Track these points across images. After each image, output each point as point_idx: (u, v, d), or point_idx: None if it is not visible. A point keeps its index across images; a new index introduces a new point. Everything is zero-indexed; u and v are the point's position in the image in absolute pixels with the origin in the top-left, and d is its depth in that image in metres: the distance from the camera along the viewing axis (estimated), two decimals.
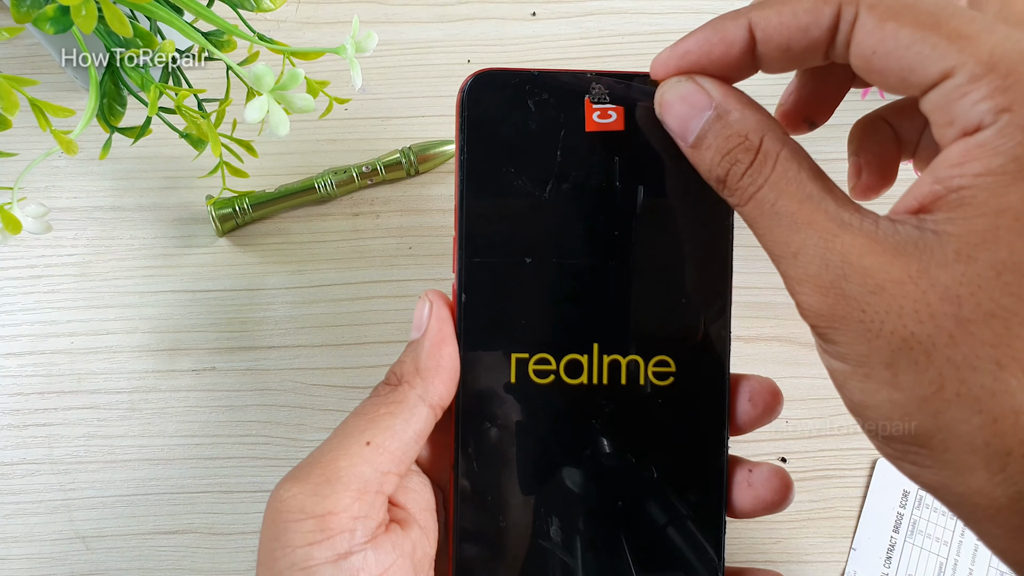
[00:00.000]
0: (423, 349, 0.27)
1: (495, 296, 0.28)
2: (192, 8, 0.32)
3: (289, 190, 0.44)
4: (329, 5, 0.49)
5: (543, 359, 0.27)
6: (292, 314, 0.42)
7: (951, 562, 0.37)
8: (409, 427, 0.26)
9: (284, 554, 0.24)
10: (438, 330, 0.27)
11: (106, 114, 0.34)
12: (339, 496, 0.24)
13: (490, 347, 0.27)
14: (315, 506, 0.24)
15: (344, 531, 0.24)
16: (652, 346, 0.27)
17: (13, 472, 0.39)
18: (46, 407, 0.41)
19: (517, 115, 0.27)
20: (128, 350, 0.41)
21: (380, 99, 0.47)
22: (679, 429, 0.27)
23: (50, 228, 0.34)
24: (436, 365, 0.27)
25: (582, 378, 0.27)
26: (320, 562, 0.23)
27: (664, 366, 0.27)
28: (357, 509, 0.24)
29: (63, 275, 0.43)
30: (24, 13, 0.28)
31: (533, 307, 0.28)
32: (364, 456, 0.25)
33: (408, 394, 0.26)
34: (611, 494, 0.27)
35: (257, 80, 0.31)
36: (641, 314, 0.27)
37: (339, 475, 0.24)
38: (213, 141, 0.34)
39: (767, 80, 0.26)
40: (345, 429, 0.26)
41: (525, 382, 0.27)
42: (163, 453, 0.40)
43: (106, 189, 0.45)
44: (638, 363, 0.27)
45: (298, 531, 0.24)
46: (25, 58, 0.48)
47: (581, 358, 0.27)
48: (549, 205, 0.27)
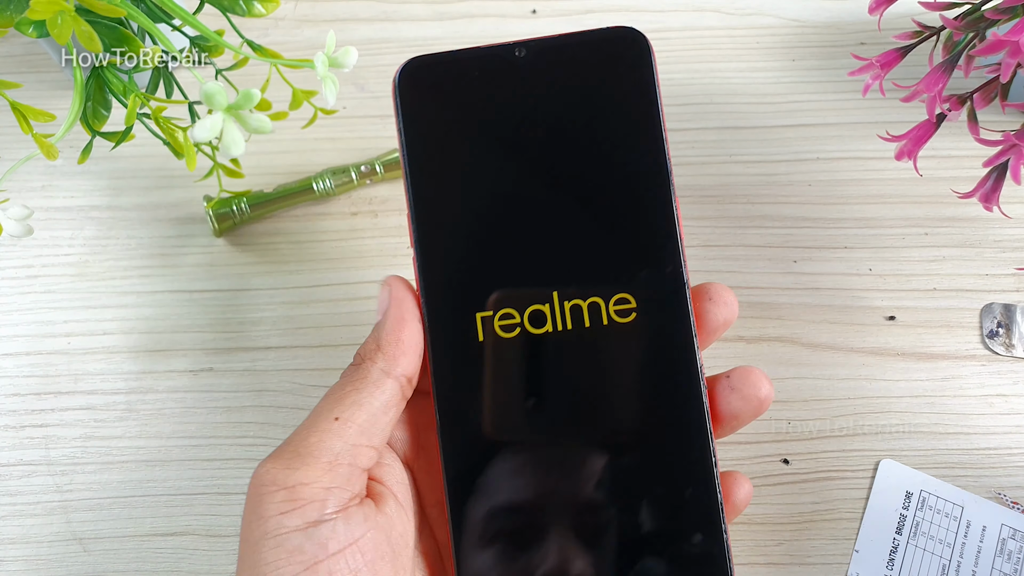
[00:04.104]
0: (383, 328, 0.28)
1: (452, 260, 0.29)
2: (177, 13, 0.32)
3: (287, 190, 0.43)
4: (328, 3, 0.49)
5: (507, 314, 0.28)
6: (290, 314, 0.42)
7: (954, 564, 0.37)
8: (375, 399, 0.27)
9: (259, 524, 0.25)
10: (398, 309, 0.28)
11: (89, 118, 0.34)
12: (309, 468, 0.25)
13: (454, 310, 0.28)
14: (286, 478, 0.25)
15: (314, 500, 0.25)
16: (610, 286, 0.28)
17: (10, 473, 0.39)
18: (43, 408, 0.40)
19: (449, 91, 0.29)
20: (125, 351, 0.41)
21: (379, 97, 0.47)
22: (650, 360, 0.28)
23: (32, 231, 0.34)
24: (396, 340, 0.28)
25: (547, 327, 0.28)
26: (291, 530, 0.24)
27: (624, 303, 0.28)
28: (328, 480, 0.25)
29: (60, 275, 0.43)
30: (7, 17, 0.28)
31: (490, 265, 0.29)
32: (333, 431, 0.26)
33: (370, 369, 0.27)
34: (593, 435, 0.28)
35: (208, 99, 0.30)
36: (594, 256, 0.28)
37: (309, 449, 0.26)
38: (189, 155, 0.33)
39: None
40: (316, 410, 0.27)
41: (493, 338, 0.28)
42: (160, 454, 0.39)
43: (103, 188, 0.44)
44: (599, 304, 0.28)
45: (271, 502, 0.25)
46: (21, 56, 0.48)
47: (543, 307, 0.28)
48: (490, 167, 0.29)
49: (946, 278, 0.42)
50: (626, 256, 0.28)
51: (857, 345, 0.41)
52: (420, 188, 0.29)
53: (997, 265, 0.42)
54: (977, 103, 0.35)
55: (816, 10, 0.51)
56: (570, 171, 0.29)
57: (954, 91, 0.35)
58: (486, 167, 0.29)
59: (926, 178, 0.44)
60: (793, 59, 0.49)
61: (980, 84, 0.35)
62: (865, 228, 0.44)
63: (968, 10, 0.35)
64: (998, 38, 0.31)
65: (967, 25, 0.34)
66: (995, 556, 0.37)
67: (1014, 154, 0.34)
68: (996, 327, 0.41)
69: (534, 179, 0.29)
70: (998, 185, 0.36)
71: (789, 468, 0.39)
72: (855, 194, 0.45)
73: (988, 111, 0.35)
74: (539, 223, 0.29)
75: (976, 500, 0.38)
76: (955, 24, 0.34)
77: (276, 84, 0.38)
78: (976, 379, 0.40)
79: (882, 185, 0.45)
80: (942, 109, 0.35)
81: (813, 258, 0.43)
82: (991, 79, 0.34)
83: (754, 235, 0.44)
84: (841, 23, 0.50)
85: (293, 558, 0.24)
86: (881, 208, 0.44)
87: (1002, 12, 0.32)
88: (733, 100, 0.48)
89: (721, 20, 0.51)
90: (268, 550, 0.24)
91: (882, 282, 0.42)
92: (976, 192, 0.36)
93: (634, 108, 0.29)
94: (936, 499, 0.38)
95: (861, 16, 0.50)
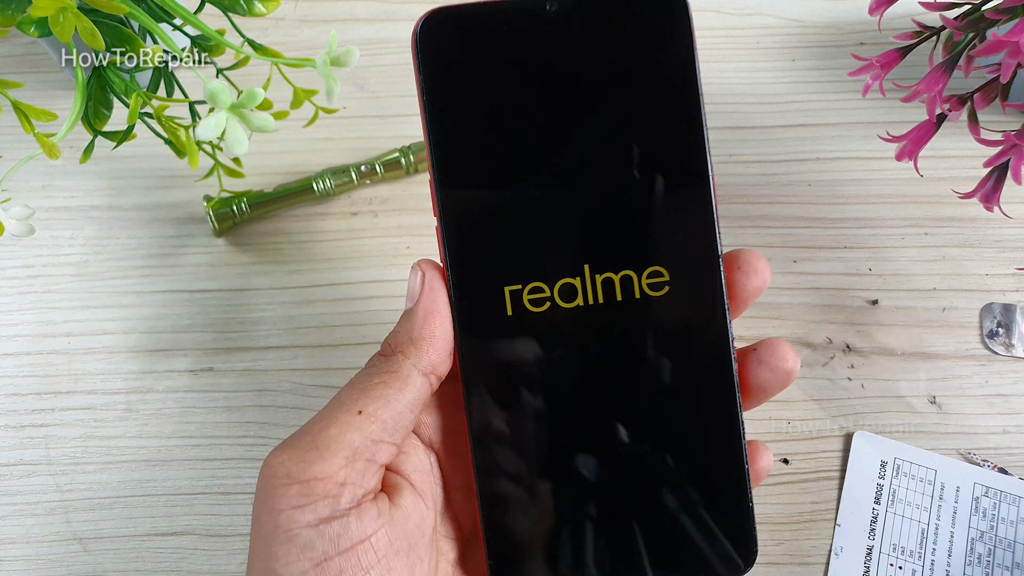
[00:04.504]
0: (416, 318, 0.27)
1: (478, 231, 0.27)
2: (179, 12, 0.32)
3: (287, 190, 0.43)
4: (328, 3, 0.49)
5: (536, 287, 0.27)
6: (290, 314, 0.42)
7: (932, 526, 0.37)
8: (403, 396, 0.26)
9: (270, 518, 0.24)
10: (431, 299, 0.27)
11: (91, 117, 0.34)
12: (326, 463, 0.24)
13: (481, 283, 0.27)
14: (301, 472, 0.24)
15: (328, 496, 0.24)
16: (643, 258, 0.27)
17: (10, 473, 0.39)
18: (43, 408, 0.40)
19: (475, 47, 0.27)
20: (125, 350, 0.41)
21: (379, 98, 0.47)
22: (682, 334, 0.27)
23: (33, 230, 0.34)
24: (430, 334, 0.27)
25: (578, 300, 0.27)
26: (302, 526, 0.24)
27: (657, 276, 0.27)
28: (344, 476, 0.24)
29: (60, 275, 0.43)
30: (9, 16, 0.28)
31: (518, 236, 0.27)
32: (355, 424, 0.25)
33: (402, 363, 0.26)
34: (624, 406, 0.27)
35: (212, 97, 0.29)
36: (628, 228, 0.27)
37: (327, 443, 0.25)
38: (191, 153, 0.33)
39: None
40: (338, 399, 0.26)
41: (522, 313, 0.27)
42: (160, 454, 0.39)
43: (103, 188, 0.44)
44: (631, 277, 0.27)
45: (283, 496, 0.24)
46: (23, 56, 0.48)
47: (574, 281, 0.27)
48: (517, 131, 0.27)
49: (946, 278, 0.42)
50: (660, 228, 0.27)
51: (857, 345, 0.41)
52: (443, 155, 0.27)
53: (997, 265, 0.42)
54: (977, 103, 0.35)
55: (816, 10, 0.51)
56: (602, 137, 0.27)
57: (954, 91, 0.35)
58: (513, 131, 0.27)
59: (926, 178, 0.44)
60: (793, 59, 0.49)
61: (980, 84, 0.35)
62: (865, 228, 0.44)
63: (968, 10, 0.35)
64: (998, 38, 0.31)
65: (967, 25, 0.34)
66: (970, 515, 0.38)
67: (1015, 154, 0.34)
68: (996, 327, 0.41)
69: (565, 145, 0.27)
70: (999, 185, 0.36)
71: (789, 468, 0.39)
72: (855, 194, 0.45)
73: (988, 111, 0.35)
74: (570, 192, 0.27)
75: (948, 462, 0.39)
76: (955, 24, 0.34)
77: (276, 84, 0.38)
78: (976, 379, 0.40)
79: (882, 185, 0.45)
80: (942, 109, 0.35)
81: (813, 258, 0.43)
82: (991, 79, 0.34)
83: (754, 235, 0.44)
84: (841, 23, 0.50)
85: (304, 554, 0.24)
86: (881, 208, 0.44)
87: (1002, 12, 0.32)
88: (733, 100, 0.48)
89: (721, 20, 0.51)
90: (279, 545, 0.24)
91: (881, 282, 0.42)
92: (977, 192, 0.36)
93: (670, 71, 0.27)
94: (910, 465, 0.39)
95: (861, 16, 0.51)
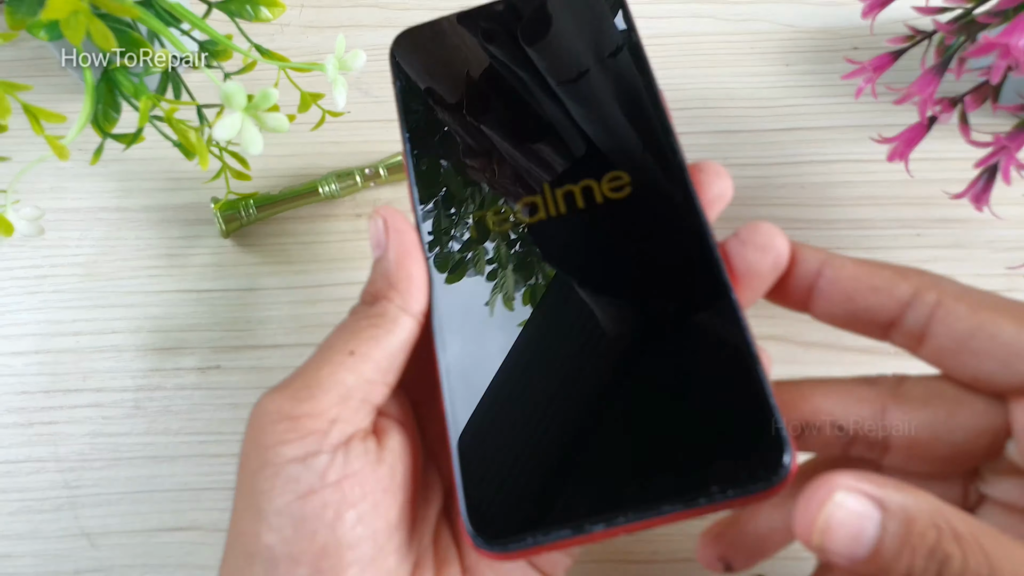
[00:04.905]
0: (390, 263, 0.27)
1: (445, 171, 0.29)
2: (187, 17, 0.33)
3: (293, 192, 0.44)
4: (332, 9, 0.50)
5: (498, 210, 0.28)
6: (295, 313, 0.43)
7: None
8: (393, 336, 0.26)
9: (257, 454, 0.24)
10: (399, 242, 0.27)
11: (100, 120, 0.35)
12: (317, 400, 0.24)
13: (446, 211, 0.28)
14: (292, 409, 0.24)
15: (316, 432, 0.24)
16: (600, 166, 0.28)
17: (19, 470, 0.40)
18: (51, 405, 0.41)
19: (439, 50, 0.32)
20: (133, 349, 0.42)
21: (382, 102, 0.48)
22: (653, 228, 0.27)
23: (43, 231, 0.34)
24: (407, 275, 0.26)
25: (540, 215, 0.27)
26: (289, 459, 0.23)
27: (618, 180, 0.27)
28: (335, 413, 0.24)
29: (69, 275, 0.43)
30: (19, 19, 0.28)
31: (480, 168, 0.29)
32: (347, 365, 0.25)
33: (387, 307, 0.26)
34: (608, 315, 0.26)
35: (228, 98, 0.30)
36: (583, 143, 0.28)
37: (319, 382, 0.24)
38: (201, 154, 0.34)
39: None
40: (327, 343, 0.26)
41: (485, 234, 0.28)
42: (168, 451, 0.40)
43: (111, 190, 0.45)
44: (591, 186, 0.27)
45: (272, 432, 0.24)
46: (30, 60, 0.49)
47: (535, 198, 0.28)
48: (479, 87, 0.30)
49: None
50: (614, 137, 0.28)
51: (850, 344, 0.41)
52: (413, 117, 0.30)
53: (988, 265, 0.43)
54: (968, 105, 0.35)
55: (810, 15, 0.52)
56: (553, 76, 0.30)
57: (945, 94, 0.36)
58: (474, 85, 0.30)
59: (918, 180, 0.45)
60: (787, 64, 0.50)
61: (971, 87, 0.36)
62: (858, 229, 0.44)
63: (960, 14, 0.36)
64: (989, 40, 0.32)
65: (959, 29, 0.35)
66: None
67: (1004, 156, 0.35)
68: None
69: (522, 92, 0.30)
70: (989, 186, 0.36)
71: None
72: (848, 196, 0.45)
73: (979, 113, 0.36)
74: (524, 122, 0.29)
75: None
76: (948, 28, 0.35)
77: (281, 89, 0.39)
78: None
79: (874, 187, 0.45)
80: (933, 112, 0.36)
81: None
82: (982, 82, 0.35)
83: None
84: (834, 28, 0.51)
85: (288, 487, 0.23)
86: (873, 210, 0.45)
87: (994, 16, 0.33)
88: (728, 104, 0.49)
89: (716, 26, 0.52)
90: (264, 479, 0.23)
91: None
92: (967, 193, 0.37)
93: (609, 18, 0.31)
94: None
95: (854, 21, 0.51)
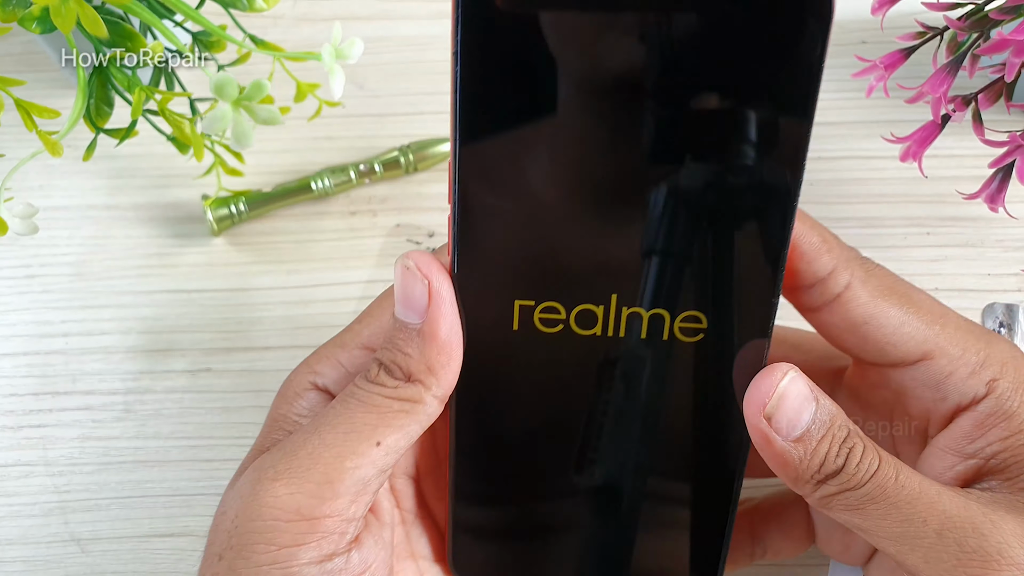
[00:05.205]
0: (433, 342, 0.24)
1: (497, 233, 0.23)
2: (180, 8, 0.32)
3: (286, 189, 0.43)
4: (327, 1, 0.49)
5: (551, 307, 0.24)
6: (288, 314, 0.42)
7: None
8: (422, 427, 0.24)
9: (266, 550, 0.22)
10: (442, 314, 0.23)
11: (92, 115, 0.34)
12: (339, 500, 0.23)
13: (490, 291, 0.24)
14: (313, 509, 0.22)
15: (335, 533, 0.23)
16: (681, 300, 0.24)
17: (8, 474, 0.39)
18: (40, 408, 0.40)
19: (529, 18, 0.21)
20: (123, 351, 0.41)
21: (378, 96, 0.47)
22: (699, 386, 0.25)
23: (37, 229, 0.34)
24: (448, 360, 0.24)
25: (595, 329, 0.24)
26: (304, 563, 0.22)
27: (694, 322, 0.24)
28: (352, 511, 0.23)
29: (57, 275, 0.42)
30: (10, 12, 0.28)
31: (541, 248, 0.23)
32: (372, 458, 0.23)
33: (423, 395, 0.24)
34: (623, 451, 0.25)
35: (219, 90, 0.29)
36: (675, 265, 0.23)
37: (343, 477, 0.23)
38: (196, 146, 0.33)
39: None
40: (353, 423, 0.23)
41: (529, 330, 0.24)
42: (158, 455, 0.39)
43: (101, 188, 0.44)
44: (663, 317, 0.24)
45: (287, 531, 0.22)
46: (21, 55, 0.48)
47: (596, 308, 0.24)
48: (566, 128, 0.22)
49: (948, 278, 0.42)
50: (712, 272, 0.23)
51: None
52: (471, 139, 0.22)
53: (1000, 265, 0.42)
54: (982, 103, 0.34)
55: None
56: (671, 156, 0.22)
57: (958, 91, 0.35)
58: (560, 125, 0.22)
59: (928, 177, 0.44)
60: None
61: (985, 84, 0.35)
62: (867, 227, 0.43)
63: (972, 10, 0.34)
64: (1004, 37, 0.31)
65: (971, 26, 0.34)
66: None
67: (1020, 155, 0.34)
68: (998, 327, 0.41)
69: (618, 154, 0.22)
70: (1004, 186, 0.35)
71: None
72: (857, 193, 0.44)
73: (993, 111, 0.35)
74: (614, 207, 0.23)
75: None
76: (959, 25, 0.34)
77: (276, 83, 0.38)
78: None
79: (884, 184, 0.45)
80: (947, 110, 0.35)
81: None
82: (996, 79, 0.34)
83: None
84: (843, 22, 0.50)
85: None
86: (883, 207, 0.44)
87: (1007, 12, 0.32)
88: None
89: None
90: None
91: None
92: (982, 193, 0.36)
93: (783, 89, 0.22)
94: None
95: (863, 15, 0.50)
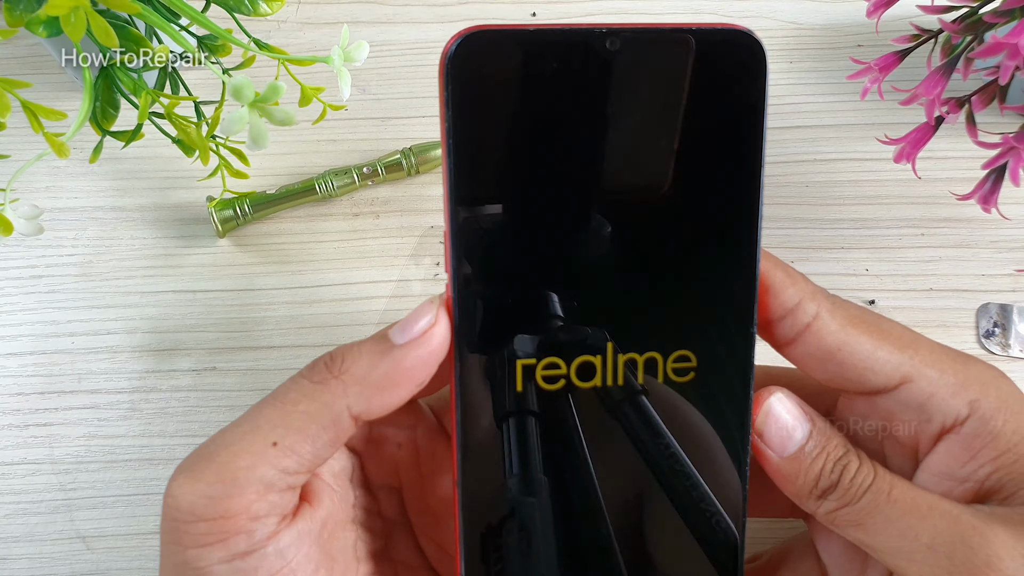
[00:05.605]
0: (394, 363, 0.24)
1: (494, 298, 0.24)
2: (186, 12, 0.32)
3: (290, 191, 0.44)
4: (330, 6, 0.49)
5: (552, 363, 0.24)
6: (292, 314, 0.42)
7: None
8: (326, 434, 0.23)
9: (176, 551, 0.22)
10: (422, 348, 0.24)
11: (98, 117, 0.34)
12: (234, 500, 0.22)
13: (491, 352, 0.24)
14: (206, 509, 0.22)
15: (241, 532, 0.22)
16: (672, 340, 0.25)
17: (14, 472, 0.39)
18: (47, 407, 0.40)
19: (513, 84, 0.23)
20: (129, 350, 0.41)
21: (380, 100, 0.47)
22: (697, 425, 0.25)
23: (42, 230, 0.34)
24: (393, 387, 0.24)
25: (595, 381, 0.25)
26: (212, 563, 0.22)
27: (684, 361, 0.25)
28: (256, 509, 0.22)
29: (64, 275, 0.43)
30: (17, 16, 0.28)
31: (538, 308, 0.24)
32: (268, 458, 0.22)
33: (335, 400, 0.23)
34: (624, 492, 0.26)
35: (236, 92, 0.30)
36: (663, 306, 0.25)
37: (236, 476, 0.22)
38: (202, 149, 0.33)
39: None
40: (255, 419, 0.23)
41: (532, 389, 0.25)
42: (164, 453, 0.39)
43: (107, 189, 0.45)
44: (656, 360, 0.25)
45: (188, 532, 0.22)
46: (25, 58, 0.48)
47: (594, 359, 0.24)
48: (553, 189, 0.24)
49: (942, 278, 0.43)
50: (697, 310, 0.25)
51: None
52: (462, 206, 0.23)
53: (993, 265, 0.43)
54: (975, 106, 0.35)
55: (813, 12, 0.51)
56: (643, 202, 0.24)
57: (952, 94, 0.36)
58: (547, 187, 0.24)
59: (923, 179, 0.44)
60: (791, 61, 0.49)
61: (978, 87, 0.35)
62: (862, 229, 0.44)
63: (966, 13, 0.35)
64: (997, 40, 0.31)
65: (965, 29, 0.34)
66: None
67: (1012, 156, 0.34)
68: (992, 327, 0.41)
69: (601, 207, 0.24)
70: (996, 187, 0.36)
71: None
72: (852, 195, 0.45)
73: (986, 113, 0.35)
74: (601, 264, 0.24)
75: None
76: (953, 28, 0.35)
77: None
78: None
79: (879, 186, 0.45)
80: (940, 112, 0.35)
81: (810, 258, 0.43)
82: (989, 82, 0.35)
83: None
84: (838, 25, 0.51)
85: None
86: (878, 209, 0.45)
87: (1000, 15, 0.33)
88: None
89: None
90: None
91: (879, 282, 0.43)
92: (975, 194, 0.37)
93: (732, 135, 0.24)
94: None
95: (858, 18, 0.51)
